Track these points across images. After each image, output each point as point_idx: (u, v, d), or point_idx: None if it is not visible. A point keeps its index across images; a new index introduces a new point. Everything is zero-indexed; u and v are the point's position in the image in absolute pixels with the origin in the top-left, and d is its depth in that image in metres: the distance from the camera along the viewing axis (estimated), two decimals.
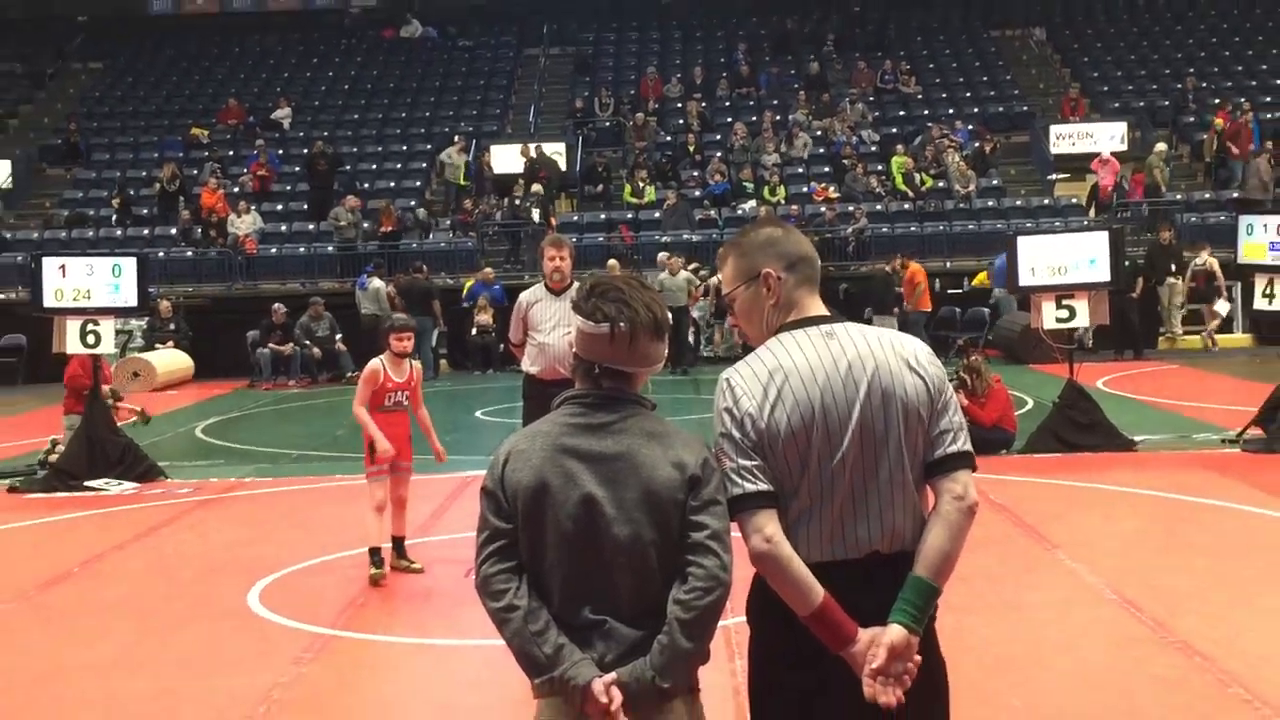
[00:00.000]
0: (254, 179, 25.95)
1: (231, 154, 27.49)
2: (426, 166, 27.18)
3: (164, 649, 6.47)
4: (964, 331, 20.66)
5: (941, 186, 25.02)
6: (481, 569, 2.73)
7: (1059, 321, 11.74)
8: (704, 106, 28.36)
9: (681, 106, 28.53)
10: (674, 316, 18.10)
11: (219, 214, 24.03)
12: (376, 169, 27.47)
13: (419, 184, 26.70)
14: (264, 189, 25.88)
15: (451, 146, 26.32)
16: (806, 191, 24.86)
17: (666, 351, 2.87)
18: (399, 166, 27.57)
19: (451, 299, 21.38)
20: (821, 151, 26.67)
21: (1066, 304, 11.60)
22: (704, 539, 2.64)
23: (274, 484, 11.09)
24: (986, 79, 30.27)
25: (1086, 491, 9.68)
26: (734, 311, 3.00)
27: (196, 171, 26.24)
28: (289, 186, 26.39)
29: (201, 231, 24.05)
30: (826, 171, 25.81)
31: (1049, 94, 29.23)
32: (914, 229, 23.57)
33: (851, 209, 23.59)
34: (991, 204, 24.55)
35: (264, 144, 27.12)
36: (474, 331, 20.84)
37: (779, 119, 27.54)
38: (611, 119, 28.55)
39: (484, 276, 21.39)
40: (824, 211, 23.58)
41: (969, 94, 29.52)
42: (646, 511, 2.66)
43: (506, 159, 25.89)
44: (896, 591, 2.73)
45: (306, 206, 25.43)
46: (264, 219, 24.39)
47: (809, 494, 2.73)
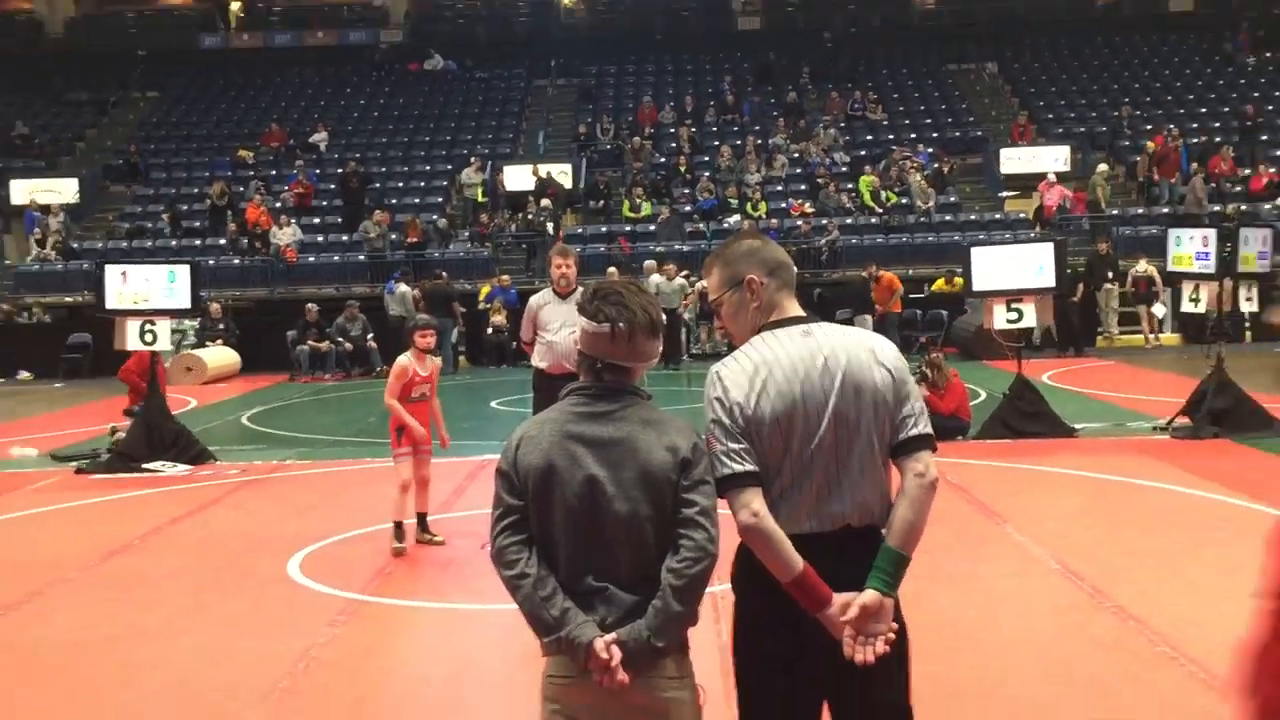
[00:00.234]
0: (294, 195, 25.93)
1: (274, 173, 27.46)
2: (447, 184, 27.16)
3: (214, 613, 6.47)
4: (925, 331, 20.69)
5: (905, 203, 25.00)
6: (496, 541, 2.73)
7: (1009, 322, 11.73)
8: (694, 131, 28.33)
9: (674, 131, 28.52)
10: (667, 318, 18.09)
11: (262, 226, 24.01)
12: (402, 186, 27.45)
13: (440, 200, 26.67)
14: (302, 204, 25.85)
15: (469, 167, 26.31)
16: (785, 207, 24.86)
17: (661, 348, 2.87)
18: (422, 184, 27.55)
19: (470, 302, 21.37)
20: (798, 171, 26.66)
21: (1015, 307, 11.59)
22: (694, 515, 2.64)
23: (312, 466, 11.08)
24: (945, 107, 30.25)
25: (1033, 473, 9.69)
26: (720, 314, 3.00)
27: (243, 189, 26.22)
28: (325, 202, 26.35)
29: (247, 242, 24.03)
30: (803, 189, 25.81)
31: (1000, 121, 29.22)
32: (880, 240, 23.60)
33: (825, 222, 23.60)
34: (949, 218, 24.55)
35: (303, 164, 27.09)
36: (489, 331, 20.83)
37: (760, 143, 27.52)
38: (612, 142, 28.52)
39: (501, 282, 21.39)
40: (800, 225, 23.62)
41: (929, 120, 29.51)
42: (643, 490, 2.65)
43: (518, 178, 25.88)
44: (867, 561, 2.73)
45: (340, 220, 25.41)
46: (302, 231, 24.36)
47: (790, 474, 2.74)
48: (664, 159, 27.60)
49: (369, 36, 35.08)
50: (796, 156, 27.15)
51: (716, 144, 27.64)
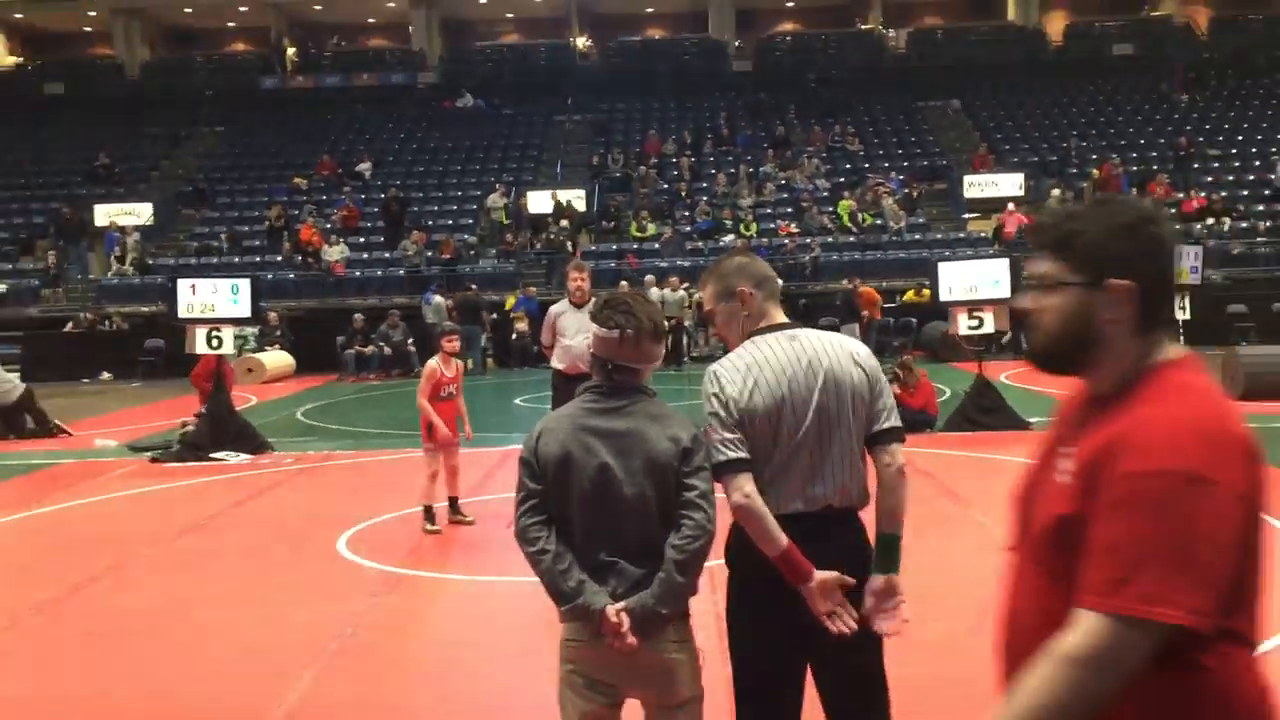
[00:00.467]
0: (341, 218, 25.94)
1: (324, 198, 27.47)
2: (476, 208, 27.12)
3: (272, 583, 6.49)
4: (897, 336, 20.67)
5: (879, 223, 24.98)
6: (519, 521, 2.73)
7: (970, 329, 11.73)
8: (693, 161, 28.33)
9: (676, 161, 28.50)
10: (670, 325, 18.13)
11: (314, 245, 24.06)
12: (437, 209, 27.45)
13: (471, 221, 26.66)
14: (349, 225, 25.86)
15: (495, 192, 26.33)
16: (774, 227, 24.84)
17: (664, 352, 2.87)
18: (455, 207, 27.55)
19: (497, 311, 21.36)
20: (785, 196, 26.63)
21: (977, 315, 11.59)
22: (694, 497, 2.65)
23: (358, 456, 11.10)
24: (914, 139, 30.22)
25: (992, 461, 9.68)
26: (714, 324, 3.00)
27: (297, 212, 26.23)
28: (369, 223, 26.37)
29: (301, 258, 24.08)
30: (789, 212, 25.77)
31: (963, 152, 29.17)
32: (857, 256, 23.57)
33: (808, 241, 23.60)
34: (918, 237, 24.52)
35: (350, 190, 27.16)
36: (514, 337, 20.82)
37: (752, 171, 27.52)
38: (621, 171, 28.50)
39: (528, 293, 21.40)
40: (787, 243, 23.61)
41: (900, 151, 29.47)
42: (649, 476, 2.66)
43: (539, 202, 25.90)
44: (845, 540, 2.75)
45: (383, 239, 25.42)
46: (349, 249, 24.39)
47: (779, 460, 2.74)
48: (667, 185, 27.59)
49: (408, 78, 35.22)
50: (784, 183, 27.13)
51: (713, 172, 27.63)
